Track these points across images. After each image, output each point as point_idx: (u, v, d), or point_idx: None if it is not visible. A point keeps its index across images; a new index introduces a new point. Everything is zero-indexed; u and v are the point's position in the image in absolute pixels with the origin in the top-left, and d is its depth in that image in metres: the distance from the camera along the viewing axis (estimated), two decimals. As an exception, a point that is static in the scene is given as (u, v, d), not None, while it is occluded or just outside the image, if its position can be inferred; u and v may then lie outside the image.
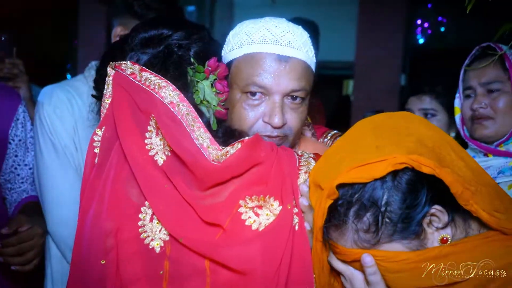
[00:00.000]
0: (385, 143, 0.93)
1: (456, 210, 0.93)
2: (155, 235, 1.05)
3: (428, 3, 6.10)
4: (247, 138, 1.10)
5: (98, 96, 1.23)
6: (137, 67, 1.14)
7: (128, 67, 1.14)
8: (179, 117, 1.07)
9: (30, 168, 1.93)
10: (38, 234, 1.74)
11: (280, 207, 1.04)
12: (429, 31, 6.35)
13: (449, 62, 1.77)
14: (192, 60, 1.19)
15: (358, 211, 0.92)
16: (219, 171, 1.04)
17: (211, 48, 1.26)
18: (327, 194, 0.91)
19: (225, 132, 1.20)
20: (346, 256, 0.97)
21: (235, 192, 1.06)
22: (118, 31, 1.82)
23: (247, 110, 1.22)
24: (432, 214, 0.92)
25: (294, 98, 1.22)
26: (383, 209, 0.90)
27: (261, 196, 1.05)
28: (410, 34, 6.41)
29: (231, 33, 1.29)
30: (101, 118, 1.15)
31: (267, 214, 1.04)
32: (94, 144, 1.13)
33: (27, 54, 2.16)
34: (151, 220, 1.06)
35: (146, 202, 1.06)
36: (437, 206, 0.92)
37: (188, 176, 1.05)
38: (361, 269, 0.96)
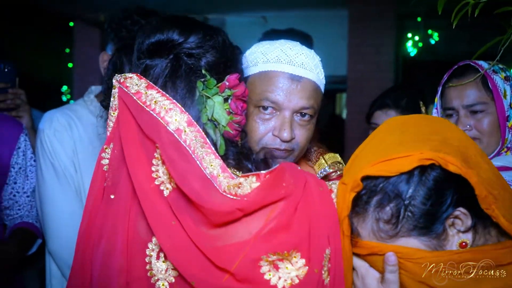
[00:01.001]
0: (409, 140, 0.93)
1: (478, 215, 0.92)
2: (161, 274, 0.97)
3: (417, 16, 6.16)
4: (263, 172, 0.97)
5: (106, 105, 1.15)
6: (143, 83, 1.03)
7: (133, 83, 1.04)
8: (185, 145, 0.97)
9: (28, 196, 1.96)
10: None
11: (306, 268, 0.90)
12: (420, 44, 6.38)
13: (441, 74, 1.74)
14: (203, 71, 1.07)
15: (381, 200, 0.91)
16: (229, 213, 0.92)
17: (226, 56, 1.12)
18: (351, 187, 0.92)
19: (237, 154, 1.12)
20: (363, 249, 0.95)
21: (254, 247, 0.91)
22: (104, 58, 1.86)
23: (259, 123, 1.28)
24: (456, 217, 0.91)
25: (303, 115, 1.29)
26: (407, 202, 0.90)
27: (284, 252, 0.90)
28: (401, 47, 6.48)
29: (247, 52, 1.35)
30: (108, 132, 1.06)
31: (287, 268, 0.91)
32: (102, 162, 1.04)
33: (23, 78, 2.18)
34: (157, 257, 0.98)
35: (153, 238, 0.98)
36: (461, 209, 0.90)
37: (195, 212, 0.95)
38: (375, 264, 0.94)
